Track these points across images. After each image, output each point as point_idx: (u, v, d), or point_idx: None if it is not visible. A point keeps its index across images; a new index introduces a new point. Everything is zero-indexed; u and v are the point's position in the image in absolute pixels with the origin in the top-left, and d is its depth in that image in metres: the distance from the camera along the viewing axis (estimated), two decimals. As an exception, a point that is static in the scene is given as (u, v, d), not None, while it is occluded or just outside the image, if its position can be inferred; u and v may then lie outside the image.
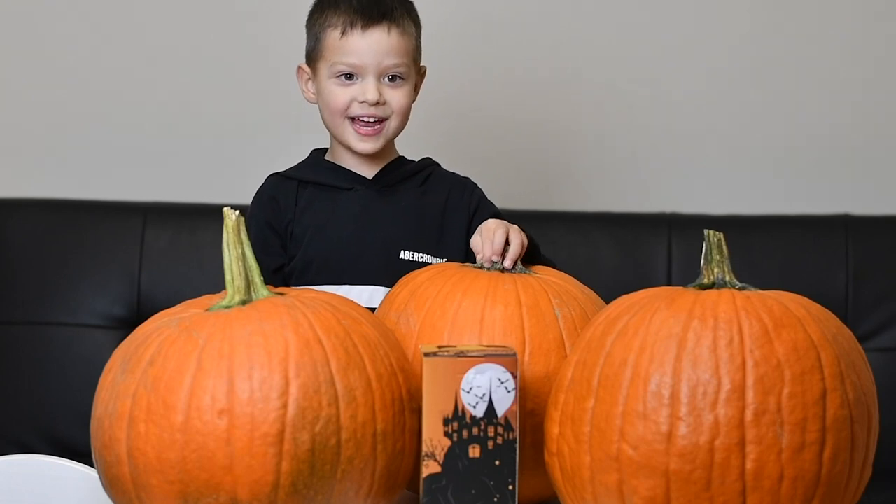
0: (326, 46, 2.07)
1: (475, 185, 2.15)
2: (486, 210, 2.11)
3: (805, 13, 2.88)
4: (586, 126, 2.88)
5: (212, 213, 2.06)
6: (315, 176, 2.11)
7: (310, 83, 2.12)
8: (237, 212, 1.60)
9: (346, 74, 2.06)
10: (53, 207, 2.72)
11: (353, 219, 2.07)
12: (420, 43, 2.12)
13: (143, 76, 2.85)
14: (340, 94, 2.06)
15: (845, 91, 2.89)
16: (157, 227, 2.68)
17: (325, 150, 2.16)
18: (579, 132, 2.88)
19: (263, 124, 2.85)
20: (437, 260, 2.05)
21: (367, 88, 2.05)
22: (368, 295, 2.02)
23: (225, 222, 1.60)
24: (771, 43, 2.88)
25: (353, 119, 2.07)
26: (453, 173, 2.16)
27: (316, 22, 2.10)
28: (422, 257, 2.06)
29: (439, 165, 2.17)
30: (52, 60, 2.84)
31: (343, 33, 2.05)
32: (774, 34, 2.88)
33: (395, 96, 2.06)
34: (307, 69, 2.12)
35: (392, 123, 2.08)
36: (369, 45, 2.04)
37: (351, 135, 2.07)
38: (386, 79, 2.06)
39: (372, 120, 2.06)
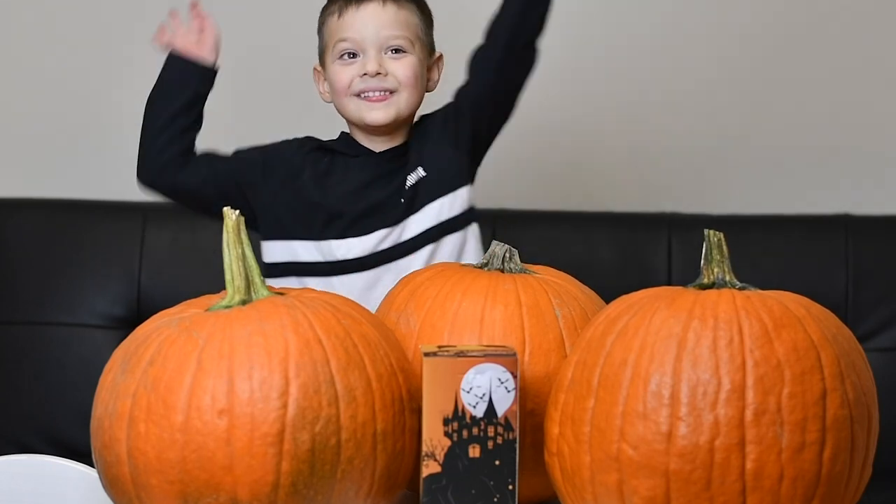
0: (328, 33, 2.10)
1: (441, 110, 2.15)
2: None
3: (806, 13, 2.88)
4: (586, 126, 2.88)
5: (212, 213, 2.06)
6: (327, 145, 2.13)
7: (325, 83, 2.13)
8: (237, 212, 1.60)
9: (348, 53, 2.07)
10: (53, 207, 2.72)
11: (358, 180, 2.10)
12: (427, 25, 2.12)
13: (143, 76, 2.85)
14: (343, 72, 2.07)
15: (845, 91, 2.89)
16: (157, 227, 2.68)
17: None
18: (579, 132, 2.88)
19: (264, 125, 2.84)
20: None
21: (368, 60, 2.05)
22: (377, 240, 2.06)
23: (225, 222, 1.60)
24: (771, 43, 2.88)
25: (359, 95, 2.07)
26: (432, 114, 2.16)
27: (320, 19, 2.13)
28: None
29: (426, 115, 2.17)
30: (52, 61, 2.84)
31: (340, 14, 2.07)
32: (775, 34, 2.88)
33: (398, 67, 2.06)
34: (321, 69, 2.13)
35: (402, 95, 2.07)
36: (364, 18, 2.05)
37: (363, 107, 2.07)
38: (389, 52, 2.06)
39: (377, 94, 2.06)
